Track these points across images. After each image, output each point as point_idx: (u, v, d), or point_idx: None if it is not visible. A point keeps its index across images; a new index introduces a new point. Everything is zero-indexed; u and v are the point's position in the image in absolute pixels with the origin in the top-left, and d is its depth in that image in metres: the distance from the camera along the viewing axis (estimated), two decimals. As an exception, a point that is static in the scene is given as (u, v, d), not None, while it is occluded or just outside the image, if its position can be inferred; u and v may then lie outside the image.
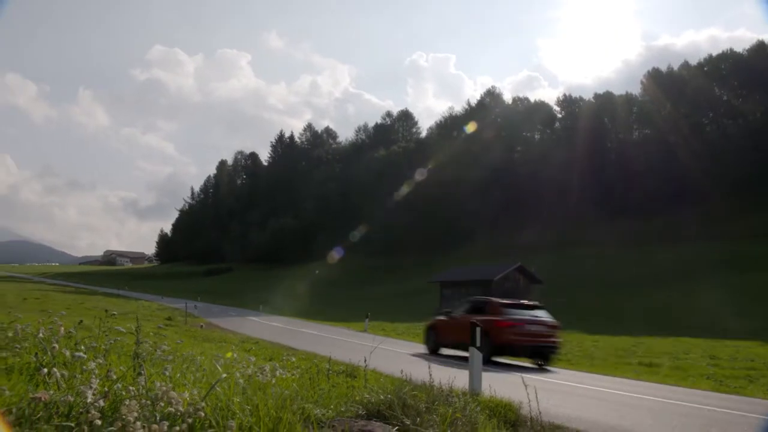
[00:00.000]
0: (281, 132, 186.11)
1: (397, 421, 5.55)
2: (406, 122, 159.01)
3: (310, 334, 32.95)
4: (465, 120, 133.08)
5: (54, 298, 53.82)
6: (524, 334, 19.97)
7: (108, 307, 11.68)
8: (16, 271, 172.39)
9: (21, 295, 52.71)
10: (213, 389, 4.18)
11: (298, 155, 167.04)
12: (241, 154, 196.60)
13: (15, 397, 3.68)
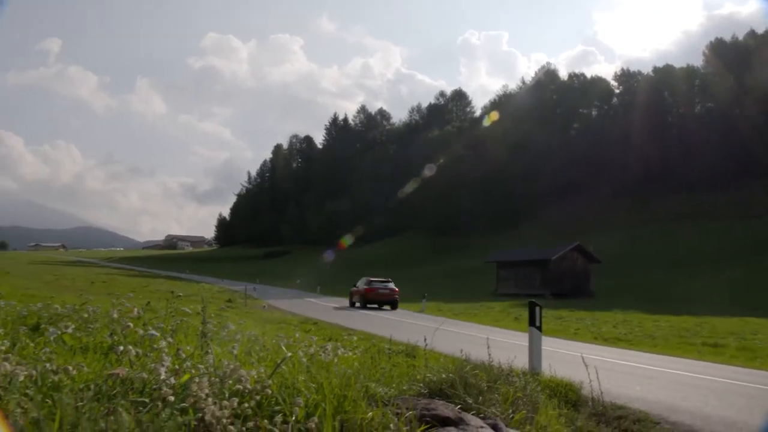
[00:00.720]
0: (335, 114, 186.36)
1: (459, 400, 5.56)
2: (460, 102, 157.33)
3: (368, 315, 33.21)
4: (520, 98, 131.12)
5: (119, 281, 55.63)
6: (379, 294, 39.78)
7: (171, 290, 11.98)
8: (83, 256, 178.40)
9: (89, 279, 54.66)
10: (279, 368, 4.27)
11: (352, 137, 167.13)
12: (295, 138, 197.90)
13: (92, 374, 3.83)
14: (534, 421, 6.59)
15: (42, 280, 47.52)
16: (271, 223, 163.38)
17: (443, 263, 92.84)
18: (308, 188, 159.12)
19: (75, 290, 33.96)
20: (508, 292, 57.66)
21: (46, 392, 3.35)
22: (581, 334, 26.80)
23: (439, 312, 37.89)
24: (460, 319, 32.12)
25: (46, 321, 7.21)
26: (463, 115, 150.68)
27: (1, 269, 57.35)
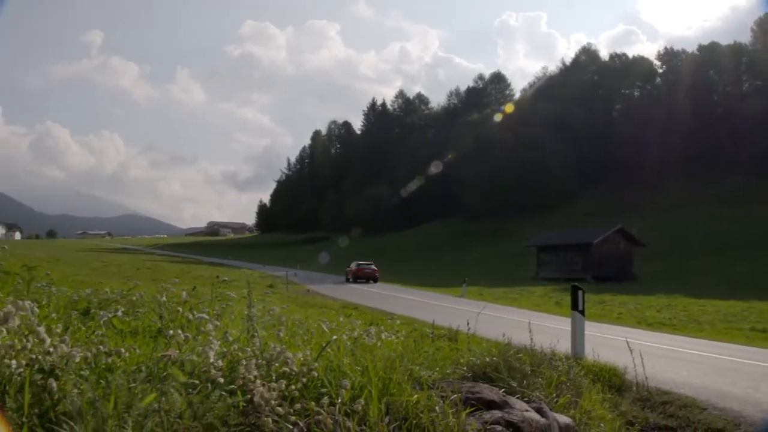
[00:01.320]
0: (373, 100, 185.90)
1: (503, 384, 5.56)
2: (499, 85, 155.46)
3: (408, 300, 33.30)
4: (560, 80, 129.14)
5: (164, 267, 56.73)
6: (364, 273, 53.07)
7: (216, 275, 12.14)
8: (128, 243, 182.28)
9: (134, 266, 55.86)
10: (324, 350, 4.31)
11: (391, 122, 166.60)
12: (334, 124, 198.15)
13: (142, 356, 3.92)
14: (578, 405, 6.56)
15: (90, 267, 48.70)
16: (311, 209, 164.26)
17: (483, 248, 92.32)
18: (347, 174, 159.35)
19: (121, 276, 34.73)
20: (548, 277, 57.14)
21: (100, 373, 3.45)
22: (624, 319, 26.48)
23: (480, 296, 37.75)
24: (500, 304, 31.99)
25: (95, 306, 7.38)
26: (502, 98, 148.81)
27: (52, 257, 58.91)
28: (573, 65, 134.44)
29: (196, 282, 9.73)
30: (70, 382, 3.01)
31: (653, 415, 8.36)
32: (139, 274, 41.25)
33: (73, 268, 41.12)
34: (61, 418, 2.72)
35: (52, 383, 2.92)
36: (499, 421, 4.42)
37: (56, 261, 51.35)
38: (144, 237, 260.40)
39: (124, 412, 2.84)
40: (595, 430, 6.30)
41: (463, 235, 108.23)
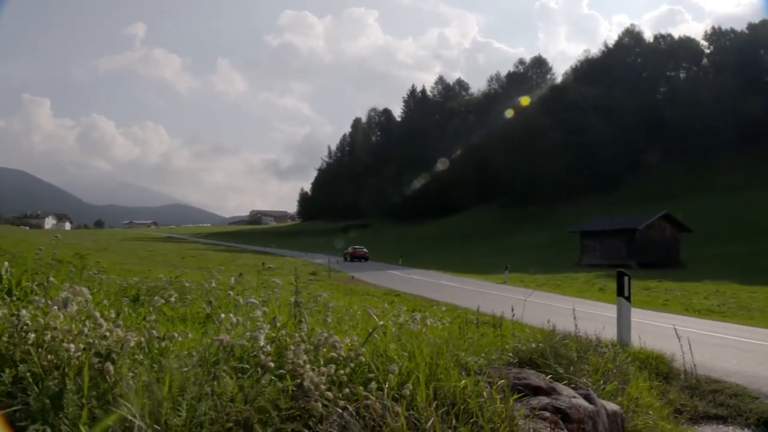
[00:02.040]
0: (413, 86, 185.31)
1: (549, 370, 5.52)
2: (540, 69, 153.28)
3: (450, 287, 33.24)
4: (603, 63, 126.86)
5: (208, 256, 57.64)
6: (357, 253, 69.14)
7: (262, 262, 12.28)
8: (173, 232, 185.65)
9: (179, 254, 56.89)
10: (371, 336, 4.33)
11: (431, 109, 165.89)
12: (374, 111, 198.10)
13: (192, 341, 4.00)
14: (625, 392, 6.49)
15: (137, 256, 49.72)
16: (352, 196, 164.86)
17: (525, 234, 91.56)
18: (388, 161, 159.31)
19: (167, 265, 35.39)
20: (592, 263, 56.42)
21: (153, 358, 3.53)
22: (671, 305, 26.06)
23: (522, 283, 37.50)
24: (543, 290, 31.72)
25: (144, 293, 7.54)
26: (543, 83, 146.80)
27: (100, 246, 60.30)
28: (616, 47, 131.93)
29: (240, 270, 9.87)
30: (126, 366, 3.09)
31: (702, 404, 8.23)
32: (185, 262, 41.98)
33: (120, 257, 42.03)
34: (119, 400, 2.80)
35: (108, 367, 3.00)
36: (547, 407, 4.39)
37: (104, 250, 52.54)
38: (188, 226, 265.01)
39: (178, 395, 2.90)
40: (642, 417, 6.22)
41: (505, 222, 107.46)
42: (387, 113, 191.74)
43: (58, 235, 12.20)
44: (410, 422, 3.36)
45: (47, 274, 6.91)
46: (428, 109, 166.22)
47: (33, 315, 3.53)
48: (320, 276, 34.02)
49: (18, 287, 6.33)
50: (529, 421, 3.96)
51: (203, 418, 2.75)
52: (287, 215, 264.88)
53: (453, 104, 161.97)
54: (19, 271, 7.26)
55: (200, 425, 2.72)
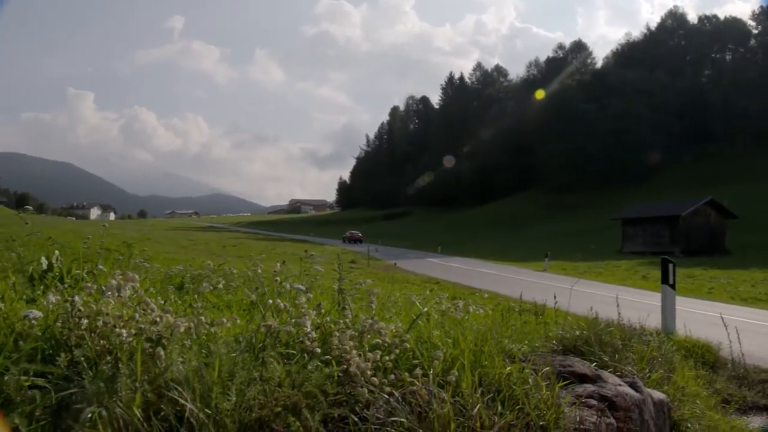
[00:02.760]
0: (450, 73, 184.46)
1: (594, 358, 5.46)
2: (580, 53, 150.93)
3: (490, 274, 33.09)
4: (645, 46, 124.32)
5: (248, 244, 58.28)
6: (353, 237, 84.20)
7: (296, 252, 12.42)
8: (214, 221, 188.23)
9: (221, 243, 57.61)
10: (415, 323, 4.35)
11: (469, 96, 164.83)
12: (412, 99, 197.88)
13: (238, 328, 4.06)
14: (671, 381, 6.39)
15: (179, 245, 50.51)
16: (391, 184, 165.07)
17: (566, 221, 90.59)
18: (426, 149, 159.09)
19: (209, 254, 35.85)
20: (634, 251, 55.63)
21: (202, 343, 3.59)
22: (716, 294, 25.58)
23: (563, 271, 37.18)
24: (585, 278, 31.39)
25: (189, 281, 7.66)
26: (583, 68, 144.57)
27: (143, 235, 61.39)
28: (659, 30, 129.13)
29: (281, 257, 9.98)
30: (176, 351, 3.15)
31: (751, 394, 8.08)
32: (226, 251, 42.50)
33: (163, 246, 42.76)
34: (171, 384, 2.86)
35: (160, 352, 3.07)
36: (593, 395, 4.35)
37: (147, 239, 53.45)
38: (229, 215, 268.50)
39: (227, 379, 2.96)
40: (689, 407, 6.13)
41: (545, 209, 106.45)
42: (425, 101, 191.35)
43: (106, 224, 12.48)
44: (456, 408, 3.36)
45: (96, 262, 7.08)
46: (466, 96, 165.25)
47: (85, 301, 3.62)
48: (360, 264, 34.13)
49: (68, 275, 6.49)
50: (575, 408, 3.94)
51: (252, 402, 2.80)
52: (326, 204, 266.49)
53: (491, 91, 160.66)
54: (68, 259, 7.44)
55: (249, 409, 2.76)
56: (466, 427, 3.28)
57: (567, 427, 3.72)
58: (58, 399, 2.79)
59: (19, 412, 2.59)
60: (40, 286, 5.74)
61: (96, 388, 2.83)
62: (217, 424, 2.65)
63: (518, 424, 3.48)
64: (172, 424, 2.69)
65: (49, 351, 3.34)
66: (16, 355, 3.05)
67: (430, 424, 3.18)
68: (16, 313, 3.69)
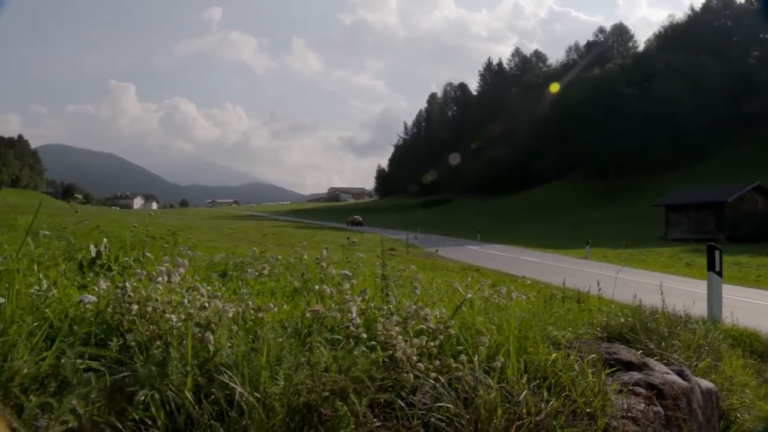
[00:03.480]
0: (489, 59, 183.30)
1: (640, 345, 5.40)
2: (621, 37, 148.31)
3: (530, 262, 32.89)
4: (689, 28, 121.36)
5: (288, 233, 58.81)
6: (355, 221, 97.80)
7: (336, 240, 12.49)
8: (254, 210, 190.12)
9: (261, 231, 58.24)
10: (459, 309, 4.33)
11: (508, 81, 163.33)
12: (450, 86, 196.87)
13: (283, 313, 4.11)
14: (718, 370, 6.29)
15: (220, 233, 51.20)
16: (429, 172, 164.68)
17: (608, 208, 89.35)
18: (465, 136, 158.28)
19: (249, 242, 36.31)
20: (678, 237, 54.69)
21: (249, 329, 3.64)
22: (764, 282, 25.06)
23: (605, 258, 36.74)
24: (627, 266, 30.96)
25: (232, 268, 7.77)
26: (625, 51, 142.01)
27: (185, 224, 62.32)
28: (703, 11, 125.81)
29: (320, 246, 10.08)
30: (224, 336, 3.20)
31: (803, 385, 7.88)
32: (266, 239, 42.98)
33: (205, 235, 43.38)
34: (221, 368, 2.91)
35: (209, 336, 3.12)
36: (639, 382, 4.31)
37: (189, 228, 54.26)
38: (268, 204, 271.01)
39: (275, 364, 2.99)
40: (738, 396, 6.03)
41: (586, 195, 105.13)
42: (463, 87, 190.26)
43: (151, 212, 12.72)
44: (502, 394, 3.36)
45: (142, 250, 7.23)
46: (505, 81, 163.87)
47: (135, 287, 3.70)
48: (399, 251, 34.19)
49: (116, 262, 6.63)
50: (622, 396, 3.90)
51: (300, 386, 2.83)
52: (365, 192, 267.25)
53: (530, 76, 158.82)
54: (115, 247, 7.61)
55: (297, 393, 2.79)
56: (513, 413, 3.27)
57: (614, 415, 3.69)
58: (112, 382, 2.86)
59: (76, 394, 2.66)
60: (90, 273, 5.88)
61: (148, 372, 2.89)
62: (266, 408, 2.68)
63: (565, 410, 3.46)
64: (223, 407, 2.74)
65: (101, 335, 3.42)
66: (72, 338, 3.14)
67: (476, 410, 3.18)
68: (69, 299, 3.79)
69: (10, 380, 2.67)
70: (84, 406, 2.64)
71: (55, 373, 2.79)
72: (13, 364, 2.77)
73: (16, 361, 2.80)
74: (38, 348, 2.99)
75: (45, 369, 2.84)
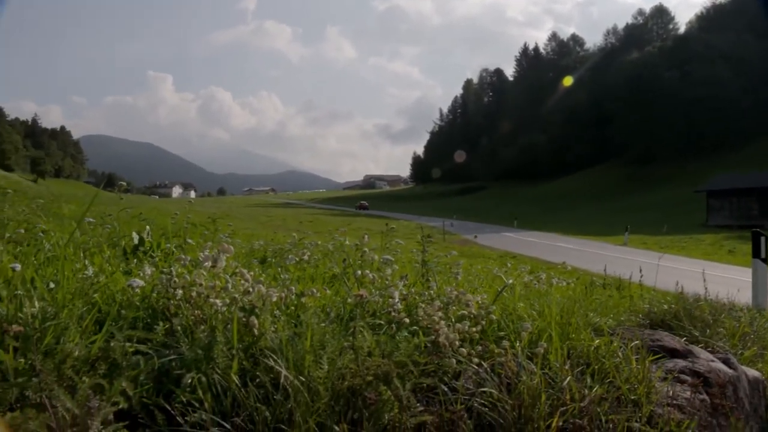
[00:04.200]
0: (525, 44, 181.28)
1: (684, 332, 5.31)
2: (661, 19, 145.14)
3: (568, 249, 32.59)
4: (732, 7, 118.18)
5: (324, 220, 59.13)
6: (362, 206, 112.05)
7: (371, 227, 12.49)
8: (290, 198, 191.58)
9: (297, 219, 58.70)
10: (500, 294, 4.32)
11: (544, 67, 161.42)
12: (485, 72, 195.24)
13: (324, 299, 4.14)
14: (765, 358, 6.15)
15: (257, 221, 51.73)
16: (465, 159, 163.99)
17: (647, 194, 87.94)
18: (500, 122, 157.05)
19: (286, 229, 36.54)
20: (719, 224, 53.61)
21: (291, 313, 3.68)
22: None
23: (644, 245, 36.24)
24: (667, 253, 30.49)
25: (271, 255, 7.86)
26: (665, 34, 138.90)
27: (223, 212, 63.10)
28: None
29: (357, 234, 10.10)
30: (268, 321, 3.24)
31: None
32: (303, 226, 43.24)
33: (243, 222, 43.84)
34: (265, 352, 2.94)
35: (253, 321, 3.15)
36: (684, 370, 4.24)
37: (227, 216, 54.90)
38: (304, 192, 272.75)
39: (319, 348, 3.02)
40: (785, 385, 5.88)
41: (625, 182, 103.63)
42: (498, 73, 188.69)
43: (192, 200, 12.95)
44: (545, 380, 3.34)
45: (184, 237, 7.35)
46: (541, 67, 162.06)
47: (179, 273, 3.76)
48: (435, 239, 34.09)
49: (158, 249, 6.75)
50: (666, 384, 3.84)
51: (344, 371, 2.85)
52: (400, 179, 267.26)
53: (567, 61, 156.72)
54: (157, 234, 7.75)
55: (342, 378, 2.81)
56: (556, 399, 3.25)
57: (659, 402, 3.64)
58: (159, 365, 2.92)
59: (125, 376, 2.72)
60: (133, 260, 5.99)
61: (194, 355, 2.94)
62: (310, 392, 2.71)
63: (609, 397, 3.43)
64: (268, 391, 2.77)
65: (147, 320, 3.49)
66: (120, 323, 3.21)
67: (519, 396, 3.17)
68: (116, 284, 3.87)
69: (62, 362, 2.74)
70: (133, 388, 2.70)
71: (104, 355, 2.85)
72: (65, 346, 2.84)
73: (68, 343, 2.87)
74: (88, 331, 3.07)
75: (95, 352, 2.91)
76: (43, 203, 14.93)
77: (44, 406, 2.44)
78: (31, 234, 6.60)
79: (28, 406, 2.43)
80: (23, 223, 7.83)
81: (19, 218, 8.84)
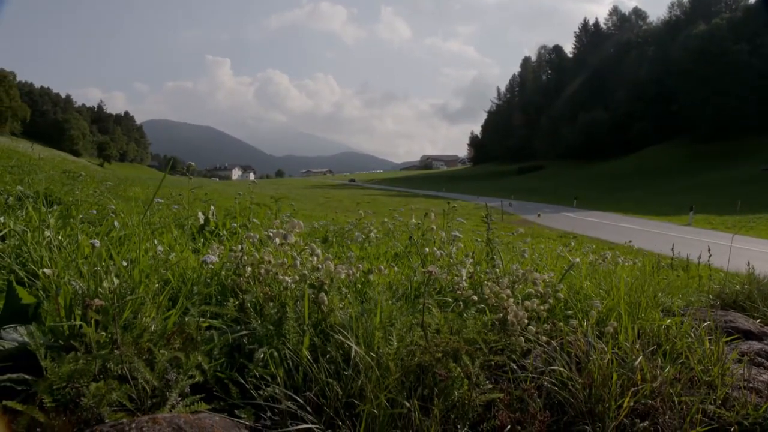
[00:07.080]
0: (584, 20, 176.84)
1: (758, 314, 5.15)
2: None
3: (630, 229, 31.91)
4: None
5: (381, 201, 59.30)
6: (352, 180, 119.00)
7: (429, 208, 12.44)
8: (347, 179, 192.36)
9: (354, 200, 58.95)
10: (567, 273, 4.26)
11: (605, 42, 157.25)
12: (544, 49, 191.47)
13: (391, 276, 4.16)
14: None
15: (315, 203, 52.23)
16: (524, 138, 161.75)
17: (713, 173, 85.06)
18: (560, 100, 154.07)
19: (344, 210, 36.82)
20: (791, 203, 51.51)
21: (358, 290, 3.71)
22: None
23: (710, 225, 35.21)
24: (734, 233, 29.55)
25: (332, 234, 7.95)
26: (734, 4, 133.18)
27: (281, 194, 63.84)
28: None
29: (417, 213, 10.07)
30: (336, 298, 3.27)
31: None
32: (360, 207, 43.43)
33: (302, 203, 44.28)
34: (335, 327, 2.98)
35: (323, 297, 3.19)
36: (760, 352, 4.10)
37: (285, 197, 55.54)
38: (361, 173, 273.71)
39: (388, 325, 3.03)
40: None
41: (689, 160, 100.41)
42: (557, 50, 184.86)
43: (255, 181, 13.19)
44: (615, 360, 3.28)
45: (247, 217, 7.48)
46: (602, 42, 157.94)
47: (248, 250, 3.83)
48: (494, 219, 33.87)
49: (223, 228, 6.89)
50: (741, 366, 3.73)
51: (414, 347, 2.85)
52: (458, 159, 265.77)
53: (629, 36, 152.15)
54: (221, 214, 7.92)
55: (411, 354, 2.82)
56: (627, 378, 3.19)
57: (734, 385, 3.54)
58: (232, 340, 2.99)
59: (201, 350, 2.79)
60: (200, 239, 6.13)
61: (265, 331, 3.00)
62: (381, 367, 2.73)
63: (682, 378, 3.34)
64: (339, 366, 2.80)
65: (217, 296, 3.58)
66: (193, 298, 3.30)
67: (589, 375, 3.12)
68: (186, 262, 3.97)
69: (140, 336, 2.83)
70: (208, 362, 2.77)
71: (180, 330, 2.93)
72: (142, 320, 2.93)
73: (145, 318, 2.97)
74: (163, 307, 3.16)
75: (171, 327, 2.99)
76: (111, 186, 15.40)
77: (125, 378, 2.53)
78: (101, 215, 6.84)
79: (111, 377, 2.52)
80: (95, 205, 8.12)
81: (90, 200, 9.16)
